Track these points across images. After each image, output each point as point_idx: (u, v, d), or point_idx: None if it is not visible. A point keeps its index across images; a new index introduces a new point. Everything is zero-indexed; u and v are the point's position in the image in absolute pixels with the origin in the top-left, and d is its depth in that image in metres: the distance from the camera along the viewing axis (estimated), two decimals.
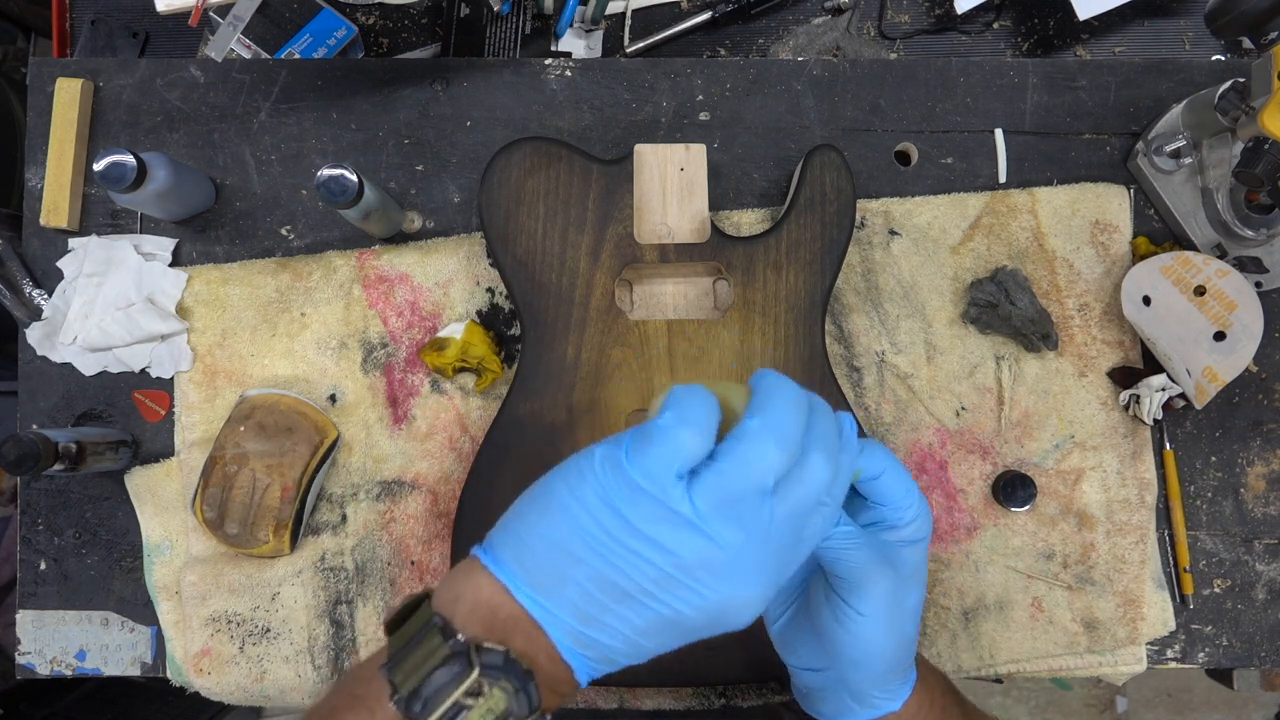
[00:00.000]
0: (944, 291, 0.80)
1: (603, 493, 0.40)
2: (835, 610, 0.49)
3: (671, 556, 0.39)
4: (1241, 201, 0.78)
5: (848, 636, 0.49)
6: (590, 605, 0.40)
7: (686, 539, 0.39)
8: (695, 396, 0.41)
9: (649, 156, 0.75)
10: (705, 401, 0.41)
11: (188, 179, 0.76)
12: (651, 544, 0.39)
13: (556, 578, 0.40)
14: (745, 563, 0.40)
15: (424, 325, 0.79)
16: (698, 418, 0.40)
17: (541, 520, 0.41)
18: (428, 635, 0.40)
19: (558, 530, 0.40)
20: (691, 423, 0.40)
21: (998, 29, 0.99)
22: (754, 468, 0.40)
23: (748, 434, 0.40)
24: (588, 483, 0.40)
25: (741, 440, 0.40)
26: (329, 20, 0.95)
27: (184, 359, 0.78)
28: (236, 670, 0.75)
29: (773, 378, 0.43)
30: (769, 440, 0.40)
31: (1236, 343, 0.76)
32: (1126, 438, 0.79)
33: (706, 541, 0.39)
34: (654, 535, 0.39)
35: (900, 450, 0.79)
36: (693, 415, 0.40)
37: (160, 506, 0.78)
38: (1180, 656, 0.79)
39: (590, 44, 0.96)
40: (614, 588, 0.40)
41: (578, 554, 0.40)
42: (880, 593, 0.49)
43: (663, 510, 0.39)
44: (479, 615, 0.41)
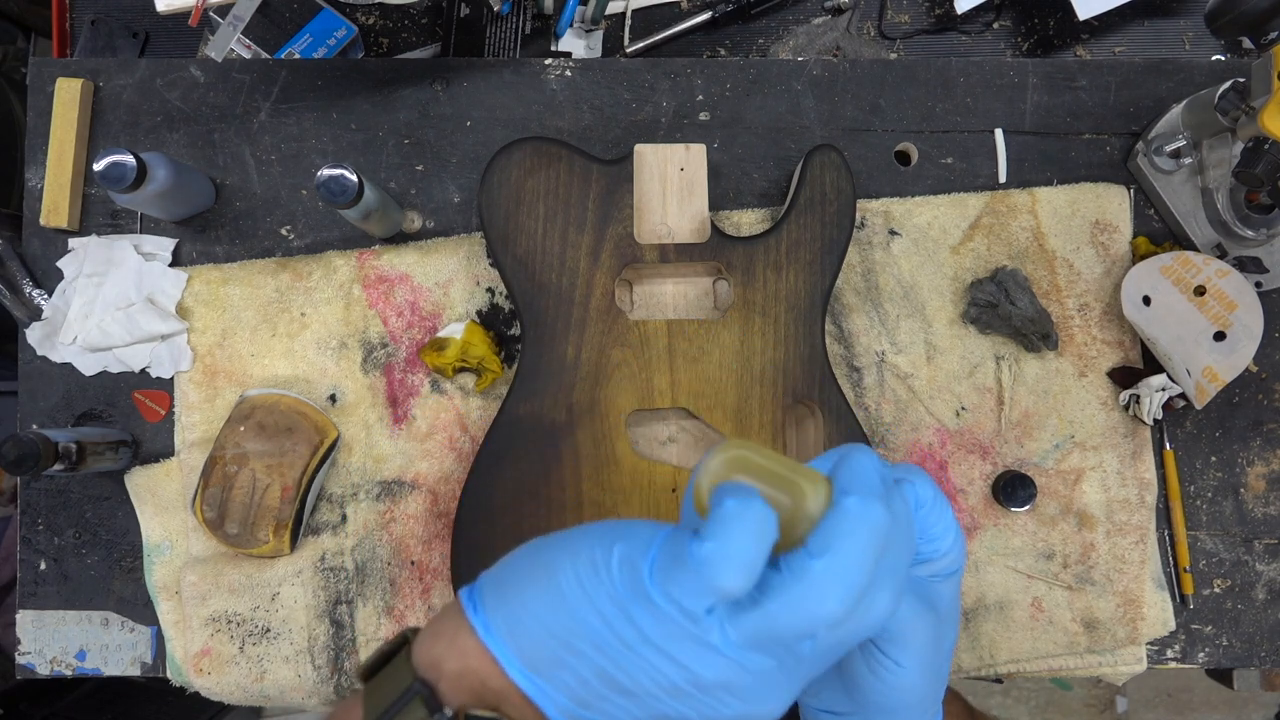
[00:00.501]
0: (944, 291, 0.80)
1: (618, 600, 0.35)
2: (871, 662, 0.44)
3: (688, 674, 0.35)
4: (1241, 201, 0.78)
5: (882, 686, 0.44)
6: (589, 693, 0.36)
7: (709, 663, 0.35)
8: (747, 522, 0.34)
9: (649, 156, 0.75)
10: (759, 530, 0.34)
11: (188, 179, 0.76)
12: (667, 659, 0.35)
13: (554, 663, 0.36)
14: (772, 687, 0.36)
15: (424, 325, 0.79)
16: (746, 555, 0.33)
17: (542, 605, 0.37)
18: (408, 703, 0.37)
19: (560, 621, 0.36)
20: (737, 563, 0.33)
21: (998, 29, 0.99)
22: (806, 618, 0.34)
23: (808, 576, 0.34)
24: (601, 584, 0.36)
25: (800, 581, 0.34)
26: (329, 20, 0.95)
27: (184, 359, 0.78)
28: (236, 670, 0.75)
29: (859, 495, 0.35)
30: (833, 591, 0.34)
31: (1236, 343, 0.76)
32: (1126, 438, 0.79)
33: (732, 668, 0.35)
34: (672, 653, 0.35)
35: (900, 450, 0.79)
36: (740, 551, 0.33)
37: (160, 506, 0.78)
38: (1180, 656, 0.79)
39: (590, 44, 0.96)
40: (617, 685, 0.36)
41: (580, 649, 0.36)
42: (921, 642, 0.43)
43: (687, 634, 0.35)
44: (467, 684, 0.37)
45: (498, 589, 0.38)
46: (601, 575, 0.36)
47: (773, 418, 0.72)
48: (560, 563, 0.37)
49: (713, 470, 0.36)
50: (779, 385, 0.72)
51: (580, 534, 0.38)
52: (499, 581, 0.39)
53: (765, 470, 0.36)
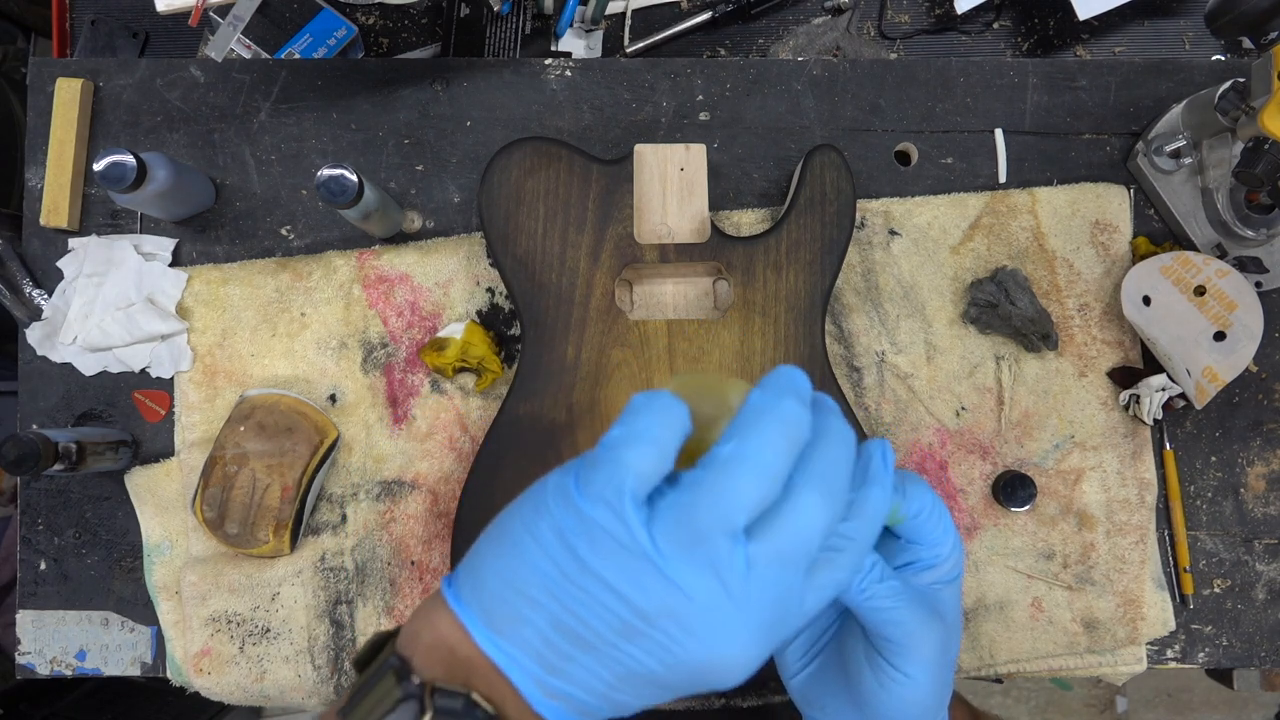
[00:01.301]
0: (944, 291, 0.80)
1: (556, 527, 0.35)
2: (879, 673, 0.44)
3: (628, 603, 0.34)
4: (1241, 201, 0.78)
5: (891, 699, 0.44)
6: (552, 653, 0.35)
7: (645, 582, 0.34)
8: (651, 406, 0.35)
9: (649, 156, 0.75)
10: (663, 411, 0.35)
11: (188, 179, 0.76)
12: (606, 586, 0.34)
13: (514, 619, 0.36)
14: (722, 617, 0.34)
15: (424, 325, 0.79)
16: (650, 433, 0.34)
17: (497, 556, 0.37)
18: (382, 677, 0.36)
19: (513, 568, 0.36)
20: (641, 439, 0.34)
21: (998, 29, 0.99)
22: (719, 501, 0.34)
23: (715, 460, 0.34)
24: (541, 516, 0.36)
25: (708, 467, 0.34)
26: (329, 20, 0.95)
27: (184, 359, 0.78)
28: (236, 670, 0.75)
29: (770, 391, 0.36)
30: (739, 471, 0.34)
31: (1236, 343, 0.76)
32: (1126, 438, 0.79)
33: (669, 587, 0.34)
34: (608, 576, 0.34)
35: (900, 450, 0.79)
36: (644, 428, 0.34)
37: (160, 506, 0.78)
38: (1180, 656, 0.79)
39: (590, 44, 0.97)
40: (574, 635, 0.35)
41: (534, 595, 0.35)
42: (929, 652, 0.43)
43: (616, 545, 0.34)
44: (438, 655, 0.37)
45: (466, 562, 0.39)
46: (540, 509, 0.36)
47: None
48: (511, 513, 0.37)
49: None
50: None
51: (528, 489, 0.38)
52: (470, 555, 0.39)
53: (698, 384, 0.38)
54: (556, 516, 0.35)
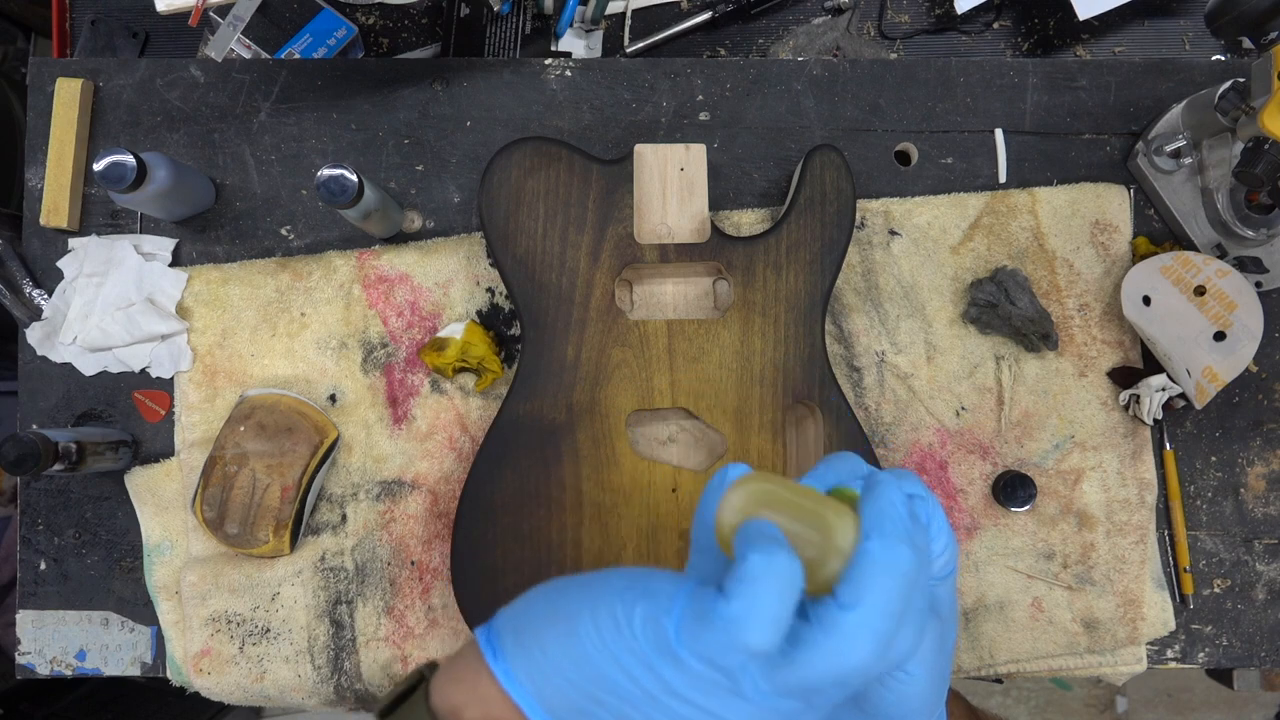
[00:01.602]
0: (944, 291, 0.80)
1: (642, 658, 0.35)
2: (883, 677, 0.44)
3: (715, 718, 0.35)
4: (1241, 201, 0.78)
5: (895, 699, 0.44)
6: None
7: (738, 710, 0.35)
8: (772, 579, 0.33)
9: (649, 156, 0.75)
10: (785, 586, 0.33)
11: (188, 179, 0.76)
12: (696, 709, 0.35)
13: (578, 713, 0.36)
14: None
15: (424, 325, 0.79)
16: (773, 613, 0.33)
17: (564, 656, 0.36)
18: None
19: (583, 674, 0.36)
20: (764, 621, 0.33)
21: (998, 29, 0.99)
22: (839, 671, 0.34)
23: (839, 629, 0.34)
24: (624, 642, 0.35)
25: (831, 636, 0.34)
26: (329, 20, 0.95)
27: (184, 359, 0.78)
28: (236, 670, 0.75)
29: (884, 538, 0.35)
30: (863, 642, 0.34)
31: (1236, 343, 0.76)
32: (1126, 438, 0.79)
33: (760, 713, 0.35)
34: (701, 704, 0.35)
35: (900, 450, 0.79)
36: (767, 609, 0.33)
37: (160, 506, 0.78)
38: (1180, 656, 0.79)
39: (590, 44, 0.97)
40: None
41: (605, 700, 0.36)
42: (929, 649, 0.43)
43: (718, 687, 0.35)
44: None
45: (517, 635, 0.38)
46: (624, 633, 0.35)
47: (773, 418, 0.72)
48: (581, 616, 0.36)
49: (735, 507, 0.35)
50: (779, 385, 0.72)
51: (600, 585, 0.37)
52: (517, 627, 0.38)
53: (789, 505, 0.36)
54: (644, 649, 0.35)
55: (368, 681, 0.76)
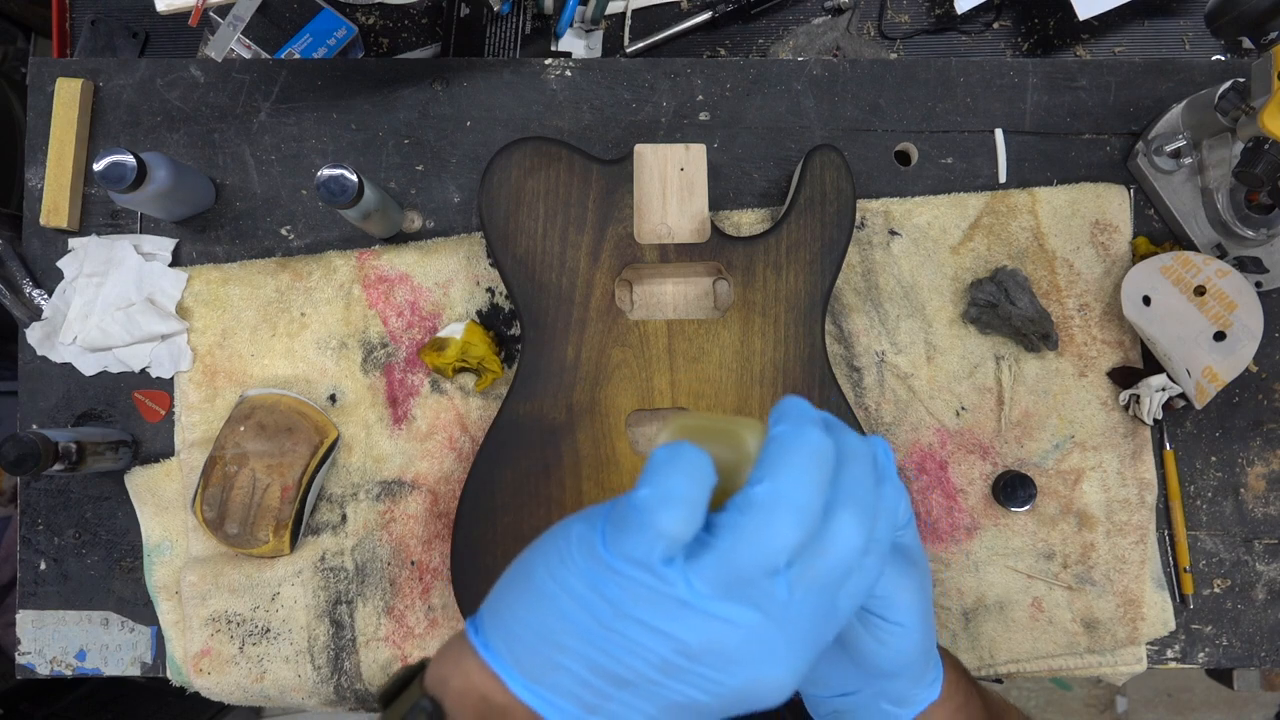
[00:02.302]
0: (944, 291, 0.80)
1: (586, 578, 0.35)
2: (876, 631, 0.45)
3: (673, 642, 0.34)
4: (1241, 201, 0.78)
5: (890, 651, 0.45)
6: (590, 694, 0.35)
7: (689, 623, 0.34)
8: (678, 464, 0.34)
9: (649, 156, 0.75)
10: (691, 469, 0.34)
11: (188, 179, 0.76)
12: (648, 629, 0.34)
13: (548, 666, 0.36)
14: (766, 644, 0.35)
15: (424, 325, 0.79)
16: (680, 492, 0.34)
17: (523, 605, 0.37)
18: None
19: (542, 617, 0.36)
20: (672, 501, 0.34)
21: (998, 29, 0.99)
22: (761, 547, 0.34)
23: (752, 504, 0.34)
24: (567, 566, 0.36)
25: (745, 512, 0.34)
26: (329, 20, 0.95)
27: (184, 359, 0.78)
28: (236, 670, 0.75)
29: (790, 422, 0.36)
30: (779, 513, 0.34)
31: (1236, 343, 0.76)
32: (1126, 438, 0.79)
33: (713, 624, 0.34)
34: (649, 620, 0.34)
35: (900, 450, 0.79)
36: (674, 490, 0.34)
37: (160, 506, 0.78)
38: (1180, 656, 0.79)
39: (590, 44, 0.97)
40: (612, 676, 0.35)
41: (566, 642, 0.35)
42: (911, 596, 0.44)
43: (655, 594, 0.34)
44: (469, 701, 0.37)
45: (492, 607, 0.39)
46: (565, 560, 0.36)
47: None
48: (534, 562, 0.37)
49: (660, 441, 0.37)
50: (779, 385, 0.72)
51: (548, 530, 0.38)
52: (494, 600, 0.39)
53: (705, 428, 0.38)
54: (583, 569, 0.35)
55: (368, 681, 0.76)
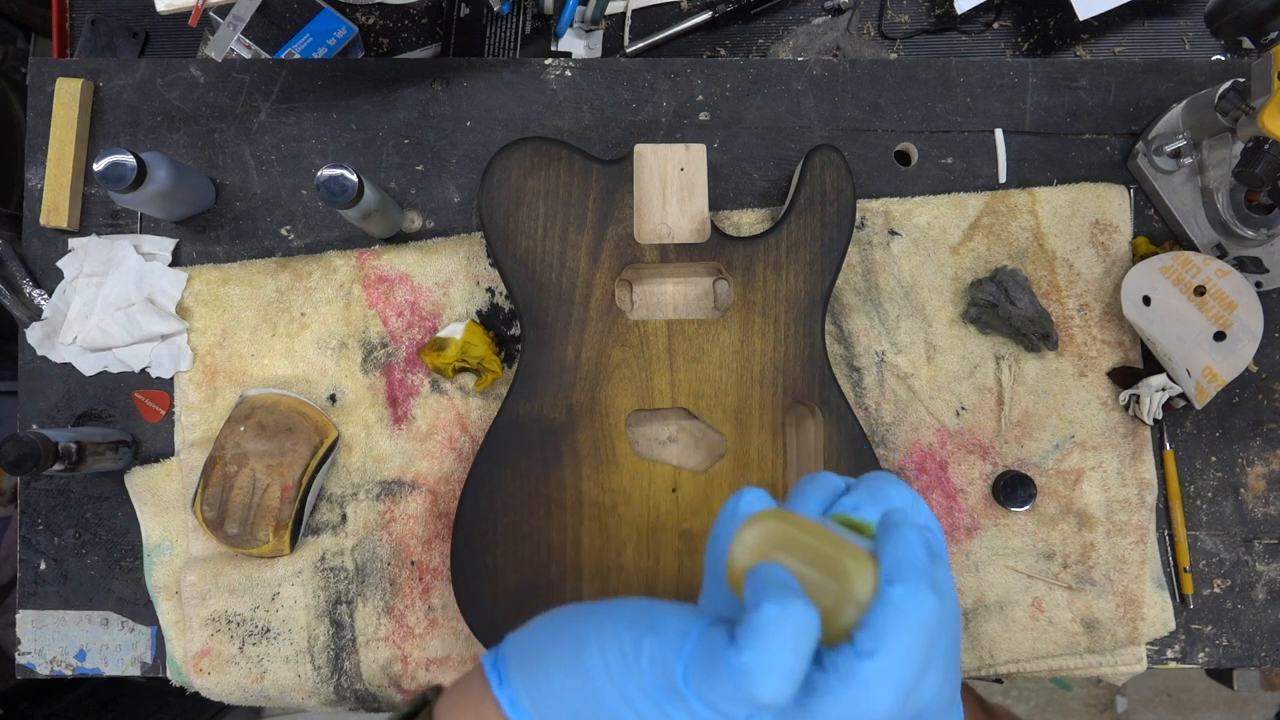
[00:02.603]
0: (944, 291, 0.80)
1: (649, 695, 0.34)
2: None
3: None
4: (1241, 201, 0.78)
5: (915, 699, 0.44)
6: None
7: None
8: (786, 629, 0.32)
9: (649, 156, 0.75)
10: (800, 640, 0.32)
11: (188, 179, 0.76)
12: None
13: None
14: None
15: (424, 325, 0.79)
16: (787, 666, 0.32)
17: (569, 688, 0.35)
18: None
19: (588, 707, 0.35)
20: (777, 674, 0.31)
21: (998, 29, 0.99)
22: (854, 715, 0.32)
23: (857, 677, 0.32)
24: (631, 677, 0.34)
25: (848, 684, 0.32)
26: (329, 20, 0.95)
27: (184, 359, 0.78)
28: (236, 670, 0.75)
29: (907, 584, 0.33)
30: (884, 690, 0.32)
31: (1236, 343, 0.76)
32: (1126, 438, 0.79)
33: None
34: None
35: (900, 450, 0.79)
36: (780, 662, 0.31)
37: (160, 506, 0.78)
38: (1180, 656, 0.79)
39: (590, 44, 0.97)
40: None
41: None
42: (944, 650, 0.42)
43: None
44: None
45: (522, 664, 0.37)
46: (631, 668, 0.34)
47: (773, 418, 0.72)
48: (588, 646, 0.36)
49: (750, 547, 0.34)
50: (779, 385, 0.72)
51: (609, 615, 0.37)
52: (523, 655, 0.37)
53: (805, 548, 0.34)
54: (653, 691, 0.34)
55: (368, 681, 0.76)
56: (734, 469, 0.71)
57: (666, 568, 0.70)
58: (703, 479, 0.71)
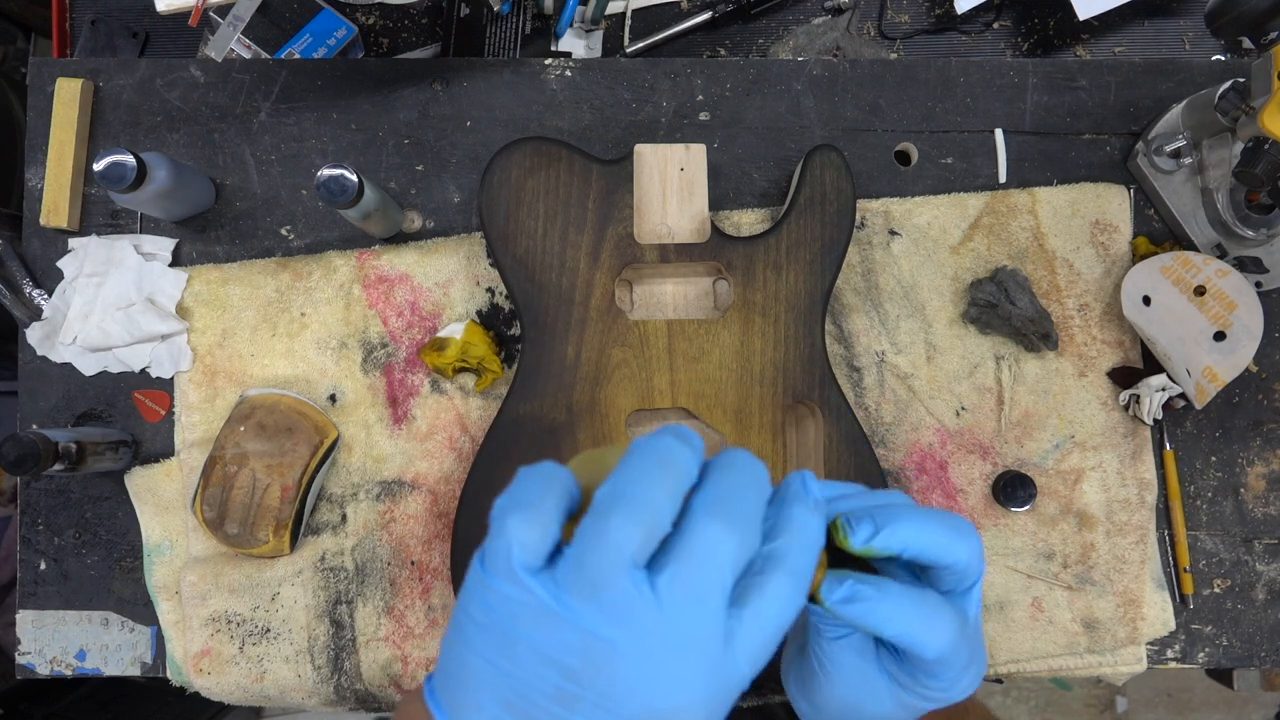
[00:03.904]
0: (944, 291, 0.80)
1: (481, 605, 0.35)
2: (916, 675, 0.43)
3: (555, 664, 0.33)
4: (1241, 201, 0.78)
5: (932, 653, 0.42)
6: None
7: (561, 637, 0.33)
8: (530, 475, 0.35)
9: (649, 156, 0.75)
10: (542, 478, 0.35)
11: (188, 179, 0.76)
12: (532, 653, 0.34)
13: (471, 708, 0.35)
14: (651, 661, 0.33)
15: (424, 325, 0.79)
16: (527, 498, 0.34)
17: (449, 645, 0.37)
18: None
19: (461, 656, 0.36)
20: (519, 505, 0.34)
21: (998, 29, 1.00)
22: (604, 542, 0.33)
23: (595, 506, 0.34)
24: (469, 598, 0.36)
25: (590, 514, 0.34)
26: (329, 20, 0.95)
27: (184, 359, 0.78)
28: (236, 670, 0.75)
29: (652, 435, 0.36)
30: (617, 506, 0.33)
31: (1236, 343, 0.76)
32: (1126, 438, 0.79)
33: (586, 638, 0.33)
34: (529, 639, 0.34)
35: (900, 450, 0.79)
36: (522, 495, 0.35)
37: (160, 506, 0.78)
38: (1180, 656, 0.79)
39: (590, 44, 0.97)
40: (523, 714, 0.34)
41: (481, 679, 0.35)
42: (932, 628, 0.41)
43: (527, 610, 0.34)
44: None
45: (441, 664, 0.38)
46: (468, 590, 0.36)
47: (773, 418, 0.72)
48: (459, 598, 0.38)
49: None
50: (779, 385, 0.72)
51: None
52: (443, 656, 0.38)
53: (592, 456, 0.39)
54: (476, 596, 0.35)
55: (368, 681, 0.76)
56: None
57: None
58: None
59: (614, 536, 0.33)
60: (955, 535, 0.41)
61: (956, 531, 0.41)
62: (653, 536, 0.34)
